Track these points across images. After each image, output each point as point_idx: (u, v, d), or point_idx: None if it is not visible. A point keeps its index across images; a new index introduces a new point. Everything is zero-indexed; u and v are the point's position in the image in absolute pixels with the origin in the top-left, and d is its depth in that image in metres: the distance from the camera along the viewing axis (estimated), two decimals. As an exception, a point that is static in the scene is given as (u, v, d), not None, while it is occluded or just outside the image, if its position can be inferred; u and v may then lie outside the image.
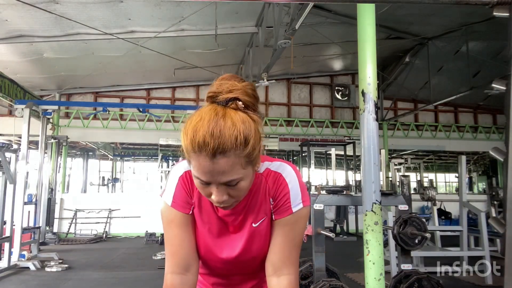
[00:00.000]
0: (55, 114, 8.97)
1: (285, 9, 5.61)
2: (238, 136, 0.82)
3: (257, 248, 1.02)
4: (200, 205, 1.02)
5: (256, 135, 0.87)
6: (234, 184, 0.87)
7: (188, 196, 1.01)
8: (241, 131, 0.83)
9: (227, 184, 0.86)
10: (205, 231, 1.03)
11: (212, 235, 1.03)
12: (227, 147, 0.82)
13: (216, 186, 0.87)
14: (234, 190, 0.88)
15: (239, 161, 0.84)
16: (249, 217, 1.01)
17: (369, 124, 2.82)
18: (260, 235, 1.01)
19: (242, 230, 1.02)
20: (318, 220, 3.31)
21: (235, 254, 1.03)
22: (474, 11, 6.83)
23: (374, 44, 2.95)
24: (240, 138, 0.83)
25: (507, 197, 1.03)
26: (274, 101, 11.15)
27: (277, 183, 1.00)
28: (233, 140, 0.82)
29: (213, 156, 0.82)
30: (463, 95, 8.39)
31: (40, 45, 7.04)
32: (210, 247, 1.04)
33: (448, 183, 21.04)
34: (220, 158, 0.82)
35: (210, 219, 1.03)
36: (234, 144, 0.82)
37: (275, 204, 1.00)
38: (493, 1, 1.12)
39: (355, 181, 11.72)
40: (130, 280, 5.02)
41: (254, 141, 0.86)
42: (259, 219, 1.01)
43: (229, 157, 0.83)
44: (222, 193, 0.88)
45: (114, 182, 15.81)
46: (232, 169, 0.84)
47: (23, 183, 5.93)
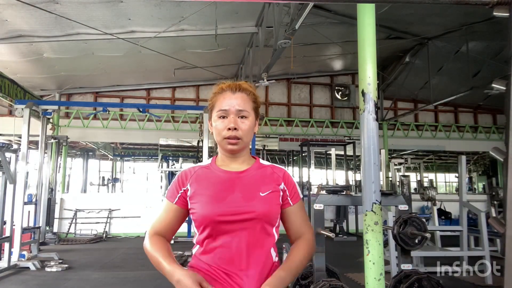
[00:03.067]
0: (55, 114, 8.97)
1: (285, 9, 5.61)
2: (251, 88, 1.31)
3: (261, 209, 1.22)
4: (199, 181, 1.28)
5: (259, 100, 1.35)
6: (244, 116, 1.26)
7: (177, 188, 1.29)
8: (252, 87, 1.32)
9: (239, 114, 1.25)
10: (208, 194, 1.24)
11: (217, 196, 1.23)
12: (244, 88, 1.29)
13: (232, 115, 1.24)
14: (242, 123, 1.25)
15: (249, 102, 1.29)
16: (258, 188, 1.25)
17: (369, 124, 2.82)
18: (264, 201, 1.24)
19: (251, 196, 1.24)
20: (318, 220, 3.30)
21: (240, 209, 1.21)
22: (474, 11, 6.82)
23: (374, 44, 2.95)
24: (252, 89, 1.32)
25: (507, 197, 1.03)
26: (274, 101, 11.15)
27: (285, 175, 1.33)
28: (248, 87, 1.31)
29: (234, 91, 1.28)
30: (463, 95, 8.39)
31: (40, 45, 7.04)
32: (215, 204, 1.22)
33: (448, 183, 21.04)
34: (238, 93, 1.28)
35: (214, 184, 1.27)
36: (248, 90, 1.30)
37: (290, 191, 1.30)
38: (493, 1, 1.12)
39: (355, 181, 11.72)
40: (130, 280, 5.02)
41: (258, 102, 1.33)
42: (266, 191, 1.26)
43: (243, 94, 1.28)
44: (235, 120, 1.24)
45: (114, 182, 15.81)
46: (245, 103, 1.27)
47: (23, 183, 5.93)
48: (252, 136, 1.31)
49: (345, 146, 10.70)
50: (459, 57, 8.44)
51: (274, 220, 1.26)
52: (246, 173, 1.29)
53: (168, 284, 1.11)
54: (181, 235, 8.28)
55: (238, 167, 1.30)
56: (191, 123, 10.33)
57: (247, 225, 1.20)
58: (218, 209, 1.20)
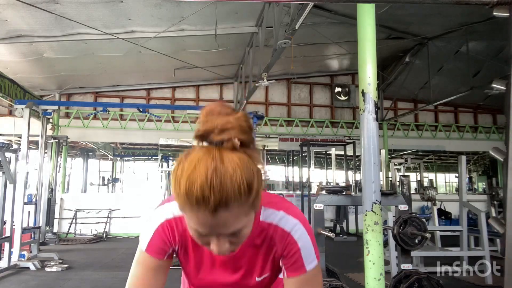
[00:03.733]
0: (55, 114, 8.97)
1: (285, 9, 5.61)
2: (241, 185, 0.72)
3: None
4: (186, 249, 0.98)
5: (259, 176, 0.78)
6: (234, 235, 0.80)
7: (165, 245, 0.96)
8: (243, 178, 0.73)
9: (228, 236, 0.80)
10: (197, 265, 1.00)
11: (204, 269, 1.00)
12: (230, 199, 0.72)
13: (217, 237, 0.79)
14: (235, 238, 0.81)
15: (243, 210, 0.76)
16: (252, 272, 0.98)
17: (369, 124, 2.82)
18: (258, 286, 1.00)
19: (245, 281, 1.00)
20: (318, 220, 3.31)
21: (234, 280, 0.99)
22: (474, 11, 6.82)
23: (374, 44, 2.95)
24: (244, 186, 0.73)
25: (507, 197, 1.03)
26: (274, 101, 11.15)
27: (285, 242, 0.93)
28: (236, 190, 0.72)
29: (214, 211, 0.72)
30: (463, 95, 8.38)
31: (40, 45, 7.04)
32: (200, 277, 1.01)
33: (448, 183, 21.03)
34: (222, 212, 0.73)
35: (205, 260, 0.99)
36: (237, 195, 0.72)
37: (285, 261, 0.94)
38: (493, 1, 1.12)
39: (355, 181, 11.72)
40: (130, 280, 5.02)
41: (258, 184, 0.77)
42: (263, 274, 0.98)
43: (232, 209, 0.73)
44: (224, 243, 0.80)
45: (114, 182, 15.79)
46: (235, 221, 0.77)
47: (23, 183, 5.93)
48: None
49: (345, 146, 10.70)
50: (459, 57, 8.44)
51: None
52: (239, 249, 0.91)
53: (168, 285, 1.11)
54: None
55: None
56: (191, 123, 10.32)
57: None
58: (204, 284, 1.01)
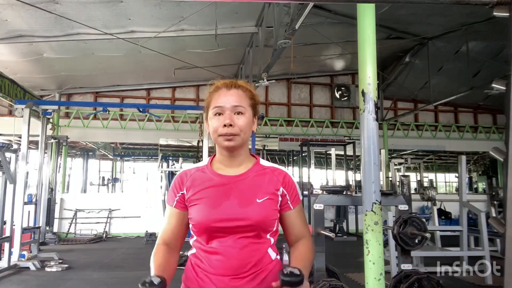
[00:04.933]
0: (55, 114, 8.97)
1: (285, 9, 5.61)
2: (247, 85, 1.29)
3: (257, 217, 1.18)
4: (195, 188, 1.25)
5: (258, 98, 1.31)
6: (240, 112, 1.21)
7: (174, 193, 1.27)
8: (248, 85, 1.29)
9: (235, 110, 1.21)
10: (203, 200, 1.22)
11: (212, 203, 1.21)
12: (239, 84, 1.27)
13: (228, 111, 1.20)
14: (238, 119, 1.20)
15: (246, 98, 1.25)
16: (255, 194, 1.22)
17: (369, 124, 2.82)
18: (261, 208, 1.20)
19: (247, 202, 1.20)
20: (318, 220, 3.31)
21: (236, 216, 1.18)
22: (474, 11, 6.83)
23: (374, 44, 2.95)
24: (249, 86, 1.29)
25: (507, 197, 1.03)
26: (274, 101, 11.15)
27: (285, 178, 1.28)
28: (243, 84, 1.28)
29: (230, 88, 1.25)
30: (463, 95, 8.39)
31: (40, 45, 7.04)
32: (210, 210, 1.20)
33: (448, 183, 21.04)
34: (233, 89, 1.24)
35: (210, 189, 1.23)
36: (244, 86, 1.27)
37: (290, 194, 1.26)
38: (493, 1, 1.12)
39: (355, 181, 11.72)
40: (130, 280, 5.02)
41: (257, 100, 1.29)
42: (263, 197, 1.22)
43: (239, 90, 1.25)
44: (231, 116, 1.20)
45: (114, 182, 15.81)
46: (241, 99, 1.23)
47: (23, 183, 5.93)
48: (250, 133, 1.26)
49: (345, 146, 10.70)
50: (459, 57, 8.44)
51: (271, 227, 1.22)
52: (243, 177, 1.24)
53: (169, 284, 1.11)
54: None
55: (235, 170, 1.26)
56: (191, 123, 10.33)
57: (242, 232, 1.18)
58: (213, 215, 1.18)
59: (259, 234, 1.20)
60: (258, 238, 1.20)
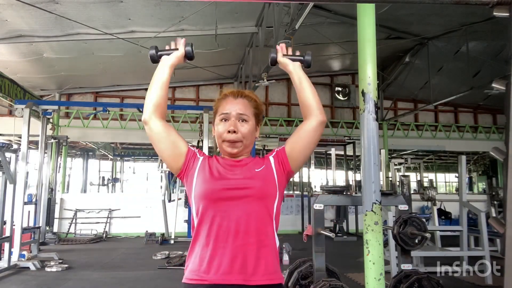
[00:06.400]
0: (55, 114, 8.97)
1: (285, 9, 5.61)
2: (253, 95, 1.41)
3: (258, 184, 1.29)
4: (204, 163, 1.35)
5: (262, 108, 1.44)
6: (244, 120, 1.34)
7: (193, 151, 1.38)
8: (254, 95, 1.42)
9: (240, 117, 1.33)
10: (210, 172, 1.31)
11: (218, 175, 1.31)
12: (246, 94, 1.39)
13: (233, 118, 1.33)
14: (242, 126, 1.33)
15: (250, 107, 1.37)
16: (254, 167, 1.34)
17: (369, 124, 2.82)
18: (260, 175, 1.31)
19: (248, 174, 1.31)
20: (318, 220, 3.31)
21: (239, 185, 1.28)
22: (474, 11, 6.82)
23: (374, 44, 2.94)
24: (254, 96, 1.41)
25: (507, 197, 1.03)
26: (274, 101, 11.15)
27: (274, 150, 1.43)
28: (249, 94, 1.40)
29: (236, 97, 1.37)
30: (463, 95, 8.38)
31: (40, 45, 7.04)
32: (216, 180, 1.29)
33: (448, 183, 21.04)
34: (240, 98, 1.37)
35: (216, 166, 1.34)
36: (250, 97, 1.39)
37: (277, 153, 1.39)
38: (493, 1, 1.12)
39: (355, 181, 11.72)
40: (130, 280, 5.02)
41: (260, 109, 1.41)
42: (260, 167, 1.34)
43: (245, 100, 1.37)
44: (235, 123, 1.32)
45: (114, 182, 15.79)
46: (246, 108, 1.35)
47: (23, 183, 5.93)
48: (253, 140, 1.38)
49: (345, 146, 10.70)
50: (459, 57, 8.44)
51: (272, 196, 1.30)
52: (244, 161, 1.37)
53: (169, 285, 1.11)
54: (181, 235, 8.28)
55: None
56: (191, 123, 10.32)
57: (246, 201, 1.26)
58: (219, 185, 1.27)
59: (265, 205, 1.28)
60: (262, 206, 1.28)
